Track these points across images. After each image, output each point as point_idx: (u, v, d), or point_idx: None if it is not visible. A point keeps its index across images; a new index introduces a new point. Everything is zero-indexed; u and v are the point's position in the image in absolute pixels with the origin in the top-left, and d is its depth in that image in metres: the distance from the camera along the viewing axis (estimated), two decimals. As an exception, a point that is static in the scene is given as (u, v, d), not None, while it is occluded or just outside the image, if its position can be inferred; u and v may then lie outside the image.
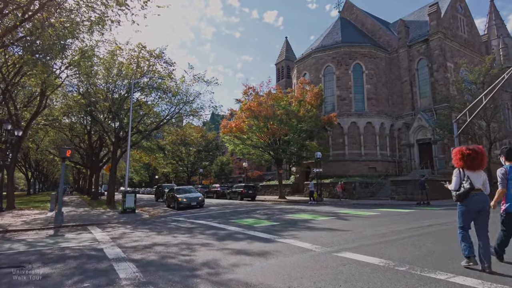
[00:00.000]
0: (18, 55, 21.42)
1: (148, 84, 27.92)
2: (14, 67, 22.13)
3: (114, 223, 14.55)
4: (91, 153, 38.11)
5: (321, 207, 20.60)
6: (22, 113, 23.05)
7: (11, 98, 21.38)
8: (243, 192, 32.29)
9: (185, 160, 50.17)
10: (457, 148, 5.43)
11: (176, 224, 13.05)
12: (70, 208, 23.05)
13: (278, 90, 31.76)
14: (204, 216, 16.19)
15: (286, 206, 22.85)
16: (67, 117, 34.48)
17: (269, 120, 28.86)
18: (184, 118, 32.35)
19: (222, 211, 18.99)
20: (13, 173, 21.10)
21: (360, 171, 35.51)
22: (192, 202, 21.52)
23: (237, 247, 7.83)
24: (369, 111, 37.19)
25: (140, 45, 26.30)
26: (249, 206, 22.52)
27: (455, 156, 5.39)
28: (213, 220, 13.77)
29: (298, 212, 16.49)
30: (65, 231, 12.00)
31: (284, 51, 52.47)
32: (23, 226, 13.45)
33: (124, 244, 8.57)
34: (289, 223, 12.13)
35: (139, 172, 71.02)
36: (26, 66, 16.15)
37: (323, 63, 38.52)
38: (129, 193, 19.53)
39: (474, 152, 5.18)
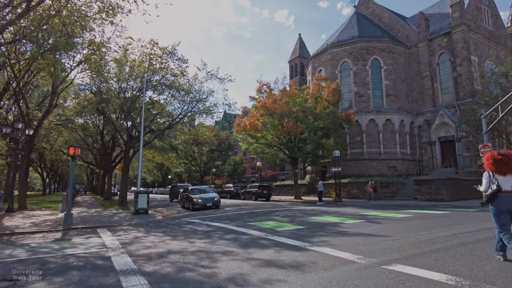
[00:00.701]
0: (30, 54, 20.91)
1: (161, 82, 27.10)
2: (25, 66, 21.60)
3: (126, 226, 13.63)
4: (104, 153, 37.71)
5: (343, 209, 19.31)
6: (34, 112, 22.46)
7: (22, 97, 20.80)
8: (258, 192, 31.20)
9: (197, 159, 49.38)
10: (489, 153, 5.64)
11: (192, 227, 12.01)
12: (81, 208, 22.36)
13: (293, 87, 30.52)
14: (221, 218, 15.13)
15: (305, 207, 21.63)
16: (80, 117, 34.09)
17: (285, 118, 27.66)
18: (197, 117, 31.46)
19: (239, 212, 17.90)
20: (24, 173, 20.49)
21: (379, 171, 33.99)
22: (207, 202, 20.51)
23: (265, 256, 6.71)
24: (388, 108, 35.59)
25: (152, 41, 25.48)
26: (265, 207, 21.39)
27: (487, 160, 5.61)
28: (230, 223, 12.68)
29: (321, 214, 15.26)
30: (74, 234, 11.11)
31: (297, 48, 51.14)
32: (31, 228, 12.64)
33: (135, 252, 7.54)
34: (316, 227, 10.93)
35: (152, 172, 70.72)
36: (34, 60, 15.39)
37: (339, 59, 37.09)
38: (141, 193, 18.66)
39: (506, 157, 5.37)
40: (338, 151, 27.57)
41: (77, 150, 13.74)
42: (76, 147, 13.84)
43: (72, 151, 13.64)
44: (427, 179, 26.45)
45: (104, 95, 24.85)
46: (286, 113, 27.17)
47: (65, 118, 33.14)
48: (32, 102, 27.52)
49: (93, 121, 36.64)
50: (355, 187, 31.62)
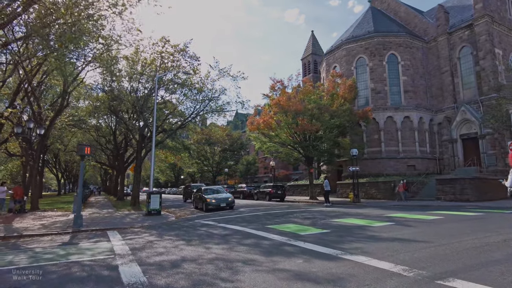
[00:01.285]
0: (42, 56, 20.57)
1: (172, 80, 26.45)
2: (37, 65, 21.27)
3: (137, 228, 12.90)
4: (116, 154, 37.46)
5: (364, 210, 18.21)
6: (46, 112, 22.11)
7: (34, 96, 20.42)
8: (272, 192, 30.27)
9: (210, 159, 48.74)
10: None
11: (207, 230, 11.17)
12: (94, 209, 21.85)
13: (308, 84, 29.45)
14: (236, 219, 14.27)
15: (323, 208, 20.58)
16: (93, 117, 33.85)
17: (299, 115, 26.64)
18: (209, 116, 30.69)
19: (255, 213, 17.00)
20: (37, 174, 20.08)
21: (397, 170, 32.59)
22: (221, 203, 19.70)
23: (293, 267, 5.79)
24: (406, 104, 34.14)
25: (164, 39, 24.84)
26: (281, 208, 20.44)
27: None
28: (248, 225, 11.79)
29: (343, 216, 14.23)
30: (82, 238, 10.41)
31: (310, 46, 49.96)
32: (40, 230, 12.04)
33: (145, 260, 6.73)
34: (343, 231, 9.95)
35: (165, 172, 70.54)
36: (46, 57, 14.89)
37: (354, 55, 35.81)
38: (154, 194, 17.98)
39: None
40: (355, 150, 26.38)
41: (86, 148, 13.09)
42: (86, 145, 13.18)
43: (89, 150, 13.00)
44: (450, 178, 25.03)
45: (116, 93, 24.35)
46: (300, 110, 26.15)
47: (78, 119, 32.97)
48: (45, 103, 27.31)
49: (106, 121, 36.47)
50: (373, 187, 30.35)
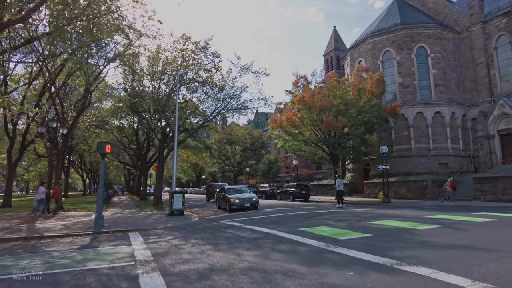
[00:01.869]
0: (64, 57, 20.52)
1: (194, 79, 25.87)
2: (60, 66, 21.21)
3: (160, 229, 12.19)
4: (139, 154, 37.50)
5: (399, 211, 16.83)
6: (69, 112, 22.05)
7: (58, 97, 20.30)
8: (295, 192, 29.11)
9: (231, 159, 48.10)
10: None
11: (234, 232, 10.27)
12: (116, 209, 21.51)
13: (333, 79, 28.12)
14: (263, 221, 13.32)
15: (353, 209, 19.31)
16: (115, 117, 33.96)
17: (325, 112, 25.41)
18: (231, 115, 29.91)
19: (281, 214, 16.00)
20: (61, 173, 19.89)
21: (429, 168, 30.67)
22: (245, 203, 18.82)
23: (344, 281, 4.77)
24: (437, 99, 32.11)
25: (185, 36, 24.27)
26: (308, 209, 19.34)
27: None
28: (277, 228, 10.81)
29: (380, 218, 12.99)
30: (102, 240, 9.75)
31: (332, 41, 48.37)
32: (61, 231, 11.54)
33: (169, 268, 5.88)
34: (386, 235, 8.80)
35: (186, 172, 70.65)
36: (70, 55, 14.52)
37: (381, 48, 34.08)
38: (177, 194, 17.33)
39: None
40: (385, 147, 24.84)
41: (107, 147, 12.51)
42: (106, 143, 12.61)
43: (109, 148, 12.45)
44: (490, 177, 23.09)
45: (138, 91, 24.00)
46: (326, 106, 24.93)
47: (101, 119, 33.17)
48: (69, 104, 27.45)
49: (128, 121, 36.56)
50: (403, 186, 28.65)
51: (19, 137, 24.60)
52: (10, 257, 7.49)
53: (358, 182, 35.42)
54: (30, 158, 47.03)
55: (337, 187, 21.10)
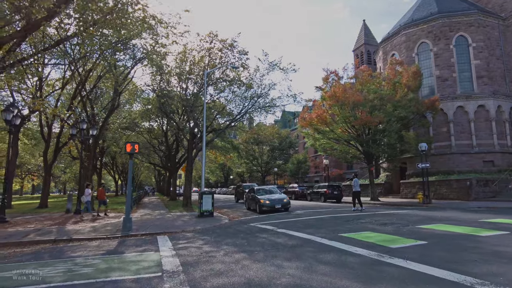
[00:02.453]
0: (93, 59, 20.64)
1: (221, 78, 25.31)
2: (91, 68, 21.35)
3: (189, 232, 11.53)
4: (168, 154, 37.68)
5: (446, 213, 15.20)
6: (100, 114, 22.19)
7: (88, 98, 20.37)
8: (327, 192, 27.77)
9: (258, 159, 47.29)
10: None
11: (268, 238, 9.36)
12: (146, 210, 21.28)
13: (366, 72, 26.51)
14: (297, 224, 12.32)
15: (394, 211, 17.82)
16: (145, 119, 34.24)
17: (358, 108, 23.93)
18: (258, 114, 29.08)
19: (316, 217, 14.91)
20: (91, 174, 19.93)
21: (471, 166, 28.26)
22: (276, 204, 17.88)
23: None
24: (480, 92, 29.57)
25: (211, 34, 23.74)
26: (344, 211, 18.08)
27: None
28: (315, 233, 9.78)
29: (429, 221, 11.59)
30: (129, 245, 9.18)
31: (362, 36, 46.31)
32: (89, 234, 11.16)
33: (200, 283, 5.05)
34: (444, 242, 7.54)
35: (214, 172, 70.75)
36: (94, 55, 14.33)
37: (415, 40, 31.95)
38: (206, 194, 16.70)
39: None
40: (425, 144, 23.00)
41: (135, 146, 12.04)
42: (134, 143, 12.14)
43: (130, 147, 11.97)
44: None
45: (166, 91, 23.76)
46: (360, 101, 23.44)
47: (131, 121, 33.53)
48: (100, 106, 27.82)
49: (158, 122, 36.81)
50: (444, 186, 26.55)
51: (54, 140, 25.14)
52: (34, 263, 7.02)
53: (394, 182, 33.43)
54: (66, 160, 48.73)
55: (354, 187, 18.93)
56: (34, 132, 31.27)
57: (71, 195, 19.01)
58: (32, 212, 19.61)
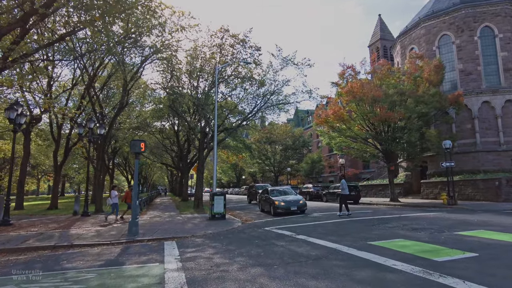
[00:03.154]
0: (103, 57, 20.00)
1: (233, 74, 24.33)
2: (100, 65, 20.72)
3: (199, 237, 10.55)
4: (180, 154, 37.04)
5: (481, 216, 13.77)
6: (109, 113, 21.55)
7: (96, 96, 19.70)
8: (344, 193, 26.38)
9: (271, 158, 46.12)
10: None
11: (287, 246, 8.25)
12: (156, 212, 20.46)
13: (385, 66, 25.04)
14: (317, 229, 11.18)
15: (418, 213, 16.42)
16: (156, 118, 33.63)
17: (377, 103, 22.55)
18: (271, 112, 27.97)
19: (336, 220, 13.72)
20: (100, 175, 19.25)
21: (499, 165, 26.44)
22: (291, 206, 16.74)
23: None
24: (507, 86, 27.66)
25: (223, 28, 22.78)
26: (365, 213, 16.82)
27: None
28: (340, 241, 8.61)
29: (466, 227, 10.26)
30: (133, 252, 8.25)
31: (378, 31, 44.58)
32: (92, 239, 10.31)
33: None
34: (503, 256, 6.29)
35: (226, 172, 69.97)
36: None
37: (436, 32, 30.22)
38: (217, 195, 15.72)
39: None
40: (449, 142, 21.48)
41: (141, 144, 11.13)
42: (140, 141, 11.23)
43: (143, 146, 11.07)
44: None
45: (176, 89, 22.93)
46: (379, 97, 22.07)
47: (143, 121, 32.97)
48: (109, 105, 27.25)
49: (169, 121, 36.20)
50: (469, 186, 24.85)
51: (64, 140, 24.69)
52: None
53: (413, 182, 31.80)
54: (80, 161, 48.68)
55: (342, 190, 16.72)
56: (47, 133, 31.04)
57: (78, 196, 18.32)
58: (41, 214, 19.06)
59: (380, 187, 32.76)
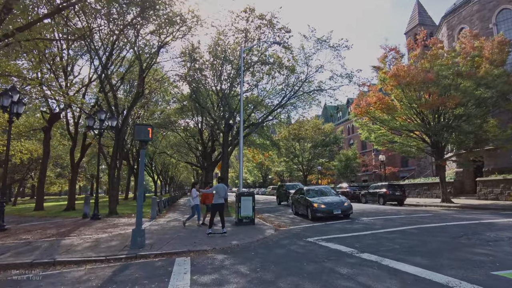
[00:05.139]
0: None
1: (259, 60, 21.51)
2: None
3: (222, 251, 7.76)
4: (204, 152, 34.89)
5: None
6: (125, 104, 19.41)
7: (110, 86, 17.53)
8: (387, 193, 22.84)
9: (299, 156, 42.83)
10: None
11: (356, 276, 5.24)
12: (175, 214, 17.97)
13: (437, 45, 21.20)
14: (384, 243, 8.05)
15: (499, 218, 12.76)
16: (179, 115, 31.71)
17: (429, 88, 18.91)
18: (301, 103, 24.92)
19: (398, 229, 10.48)
20: (114, 174, 17.01)
21: None
22: (334, 209, 13.61)
23: None
24: None
25: (248, 8, 20.03)
26: (432, 220, 13.41)
27: None
28: (441, 267, 5.48)
29: None
30: (128, 278, 5.58)
31: (416, 16, 40.14)
32: (85, 252, 7.82)
33: None
34: None
35: (252, 172, 67.27)
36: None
37: (493, 7, 25.86)
38: (245, 196, 12.95)
39: None
40: (522, 131, 17.47)
41: (148, 130, 8.53)
42: (147, 126, 8.63)
43: (150, 133, 8.50)
44: None
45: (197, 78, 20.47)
46: (431, 80, 18.44)
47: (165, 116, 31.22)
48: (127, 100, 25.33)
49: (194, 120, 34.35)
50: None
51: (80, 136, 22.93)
52: None
53: (465, 180, 27.55)
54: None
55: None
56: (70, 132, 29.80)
57: (89, 197, 16.16)
58: (52, 216, 17.09)
59: (424, 186, 28.72)
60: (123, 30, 14.62)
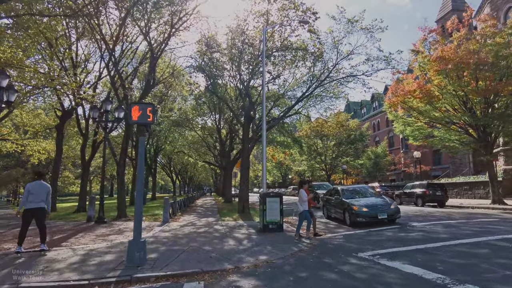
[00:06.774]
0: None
1: (283, 45, 19.25)
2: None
3: (247, 274, 5.55)
4: (222, 151, 33.03)
5: None
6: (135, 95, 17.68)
7: (119, 76, 15.73)
8: (427, 193, 20.04)
9: (322, 155, 40.10)
10: None
11: None
12: (192, 217, 15.91)
13: (491, 21, 18.17)
14: (473, 262, 5.61)
15: None
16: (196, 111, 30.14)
17: (484, 71, 16.06)
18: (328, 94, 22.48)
19: (476, 240, 7.95)
20: (123, 172, 15.17)
21: None
22: (379, 213, 11.12)
23: None
24: None
25: (270, -11, 17.79)
26: (485, 223, 10.75)
27: None
28: None
29: None
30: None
31: (448, 2, 36.66)
32: (64, 272, 5.84)
33: None
34: None
35: (271, 172, 64.85)
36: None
37: (547, -18, 22.53)
38: (271, 197, 10.77)
39: None
40: None
41: (147, 110, 6.47)
42: (146, 105, 6.56)
43: (137, 114, 6.42)
44: None
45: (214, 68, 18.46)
46: (486, 62, 15.60)
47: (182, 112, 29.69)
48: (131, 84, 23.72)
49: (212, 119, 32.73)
50: None
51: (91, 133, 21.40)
52: None
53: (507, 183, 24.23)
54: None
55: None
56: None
57: (94, 198, 14.35)
58: (56, 218, 15.42)
59: (465, 185, 25.50)
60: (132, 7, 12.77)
